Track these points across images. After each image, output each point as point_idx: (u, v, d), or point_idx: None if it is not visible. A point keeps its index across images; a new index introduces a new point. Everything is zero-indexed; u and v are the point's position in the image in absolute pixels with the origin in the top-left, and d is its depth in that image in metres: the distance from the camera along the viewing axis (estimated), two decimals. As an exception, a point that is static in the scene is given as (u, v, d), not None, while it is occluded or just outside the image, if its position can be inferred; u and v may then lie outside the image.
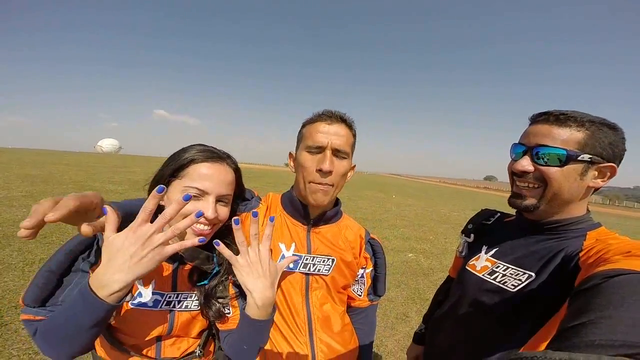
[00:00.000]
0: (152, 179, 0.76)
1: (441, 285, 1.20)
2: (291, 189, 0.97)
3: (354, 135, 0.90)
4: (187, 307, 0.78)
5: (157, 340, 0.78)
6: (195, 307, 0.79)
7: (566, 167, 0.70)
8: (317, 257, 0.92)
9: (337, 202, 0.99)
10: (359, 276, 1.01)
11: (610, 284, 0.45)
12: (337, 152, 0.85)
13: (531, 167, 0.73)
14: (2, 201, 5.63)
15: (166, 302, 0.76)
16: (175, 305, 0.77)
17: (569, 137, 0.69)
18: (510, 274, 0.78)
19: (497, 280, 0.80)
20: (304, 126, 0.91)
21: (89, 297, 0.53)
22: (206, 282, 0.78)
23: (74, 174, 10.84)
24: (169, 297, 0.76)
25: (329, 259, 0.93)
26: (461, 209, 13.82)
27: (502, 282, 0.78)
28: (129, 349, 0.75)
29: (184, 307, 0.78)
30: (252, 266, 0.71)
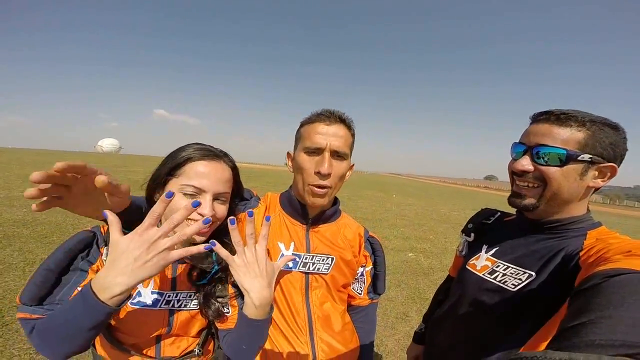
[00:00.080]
0: (149, 178, 0.76)
1: (441, 284, 1.20)
2: (289, 189, 0.97)
3: (353, 135, 0.89)
4: (186, 306, 0.78)
5: (157, 339, 0.78)
6: (194, 307, 0.79)
7: (566, 167, 0.69)
8: (316, 256, 0.92)
9: (335, 201, 0.99)
10: (359, 274, 1.01)
11: (610, 284, 0.45)
12: (335, 154, 0.84)
13: (531, 167, 0.73)
14: (2, 201, 5.64)
15: (165, 301, 0.76)
16: (174, 304, 0.77)
17: (570, 136, 0.69)
18: (510, 273, 0.78)
19: (498, 279, 0.80)
20: (302, 126, 0.89)
21: (90, 300, 0.53)
22: (205, 281, 0.78)
23: (75, 174, 10.82)
24: (168, 296, 0.76)
25: (328, 258, 0.93)
26: (461, 208, 13.81)
27: (502, 281, 0.78)
28: (128, 348, 0.75)
29: (183, 306, 0.78)
30: (248, 266, 0.70)
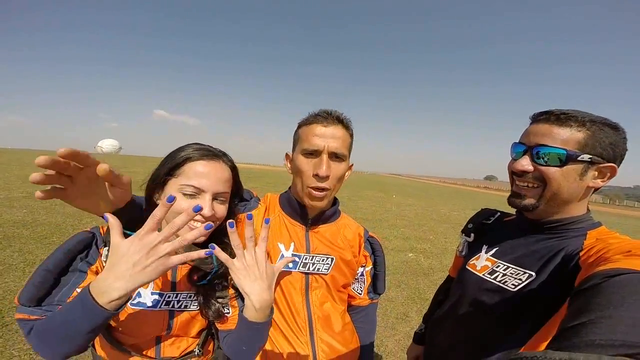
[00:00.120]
0: (149, 178, 0.76)
1: (441, 285, 1.20)
2: (289, 189, 0.97)
3: (351, 135, 0.89)
4: (186, 307, 0.78)
5: (157, 339, 0.78)
6: (194, 307, 0.79)
7: (566, 167, 0.69)
8: (316, 257, 0.91)
9: (335, 202, 0.99)
10: (359, 274, 1.01)
11: (610, 284, 0.45)
12: (334, 155, 0.83)
13: (531, 167, 0.73)
14: (2, 202, 5.64)
15: (165, 302, 0.76)
16: (174, 305, 0.77)
17: (570, 137, 0.69)
18: (510, 273, 0.78)
19: (498, 279, 0.80)
20: (299, 127, 0.88)
21: (88, 303, 0.53)
22: (205, 282, 0.78)
23: (75, 175, 10.81)
24: (168, 297, 0.76)
25: (328, 258, 0.93)
26: (461, 208, 13.81)
27: (502, 281, 0.78)
28: (128, 349, 0.75)
29: (183, 307, 0.78)
30: (248, 269, 0.70)
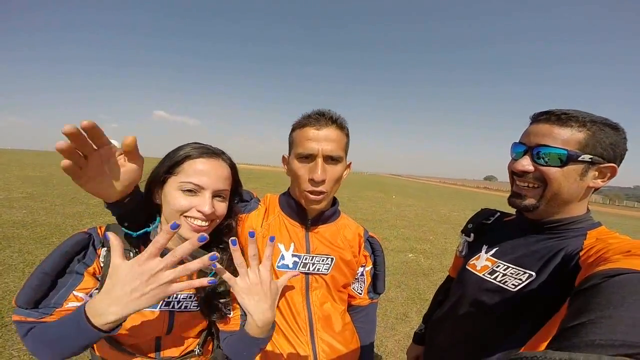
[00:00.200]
0: (148, 177, 0.76)
1: (441, 285, 1.20)
2: (288, 190, 0.97)
3: (347, 134, 0.87)
4: (186, 307, 0.78)
5: (156, 340, 0.78)
6: (194, 308, 0.79)
7: (566, 168, 0.69)
8: (316, 257, 0.91)
9: (334, 202, 0.98)
10: (359, 274, 1.01)
11: (610, 284, 0.45)
12: (329, 158, 0.82)
13: (531, 167, 0.73)
14: (2, 202, 5.63)
15: (165, 302, 0.76)
16: (174, 305, 0.77)
17: (570, 137, 0.69)
18: (510, 273, 0.78)
19: (498, 279, 0.80)
20: (293, 130, 0.87)
21: (82, 324, 0.53)
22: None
23: (74, 175, 10.80)
24: (168, 297, 0.76)
25: (328, 258, 0.93)
26: (461, 209, 13.81)
27: (502, 281, 0.78)
28: (127, 349, 0.75)
29: (183, 307, 0.78)
30: (252, 288, 0.69)
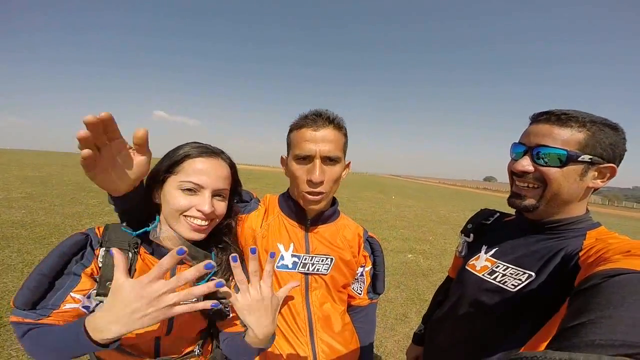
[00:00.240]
0: (147, 176, 0.76)
1: (440, 285, 1.20)
2: (288, 190, 0.97)
3: (345, 134, 0.87)
4: None
5: (156, 340, 0.77)
6: None
7: (566, 168, 0.69)
8: (315, 257, 0.91)
9: (334, 202, 0.99)
10: (359, 274, 1.01)
11: (610, 284, 0.45)
12: (327, 159, 0.81)
13: (531, 167, 0.73)
14: (1, 202, 5.63)
15: None
16: None
17: (570, 137, 0.69)
18: (510, 273, 0.78)
19: (497, 280, 0.80)
20: (291, 131, 0.87)
21: (82, 338, 0.54)
22: (205, 282, 0.77)
23: (74, 175, 10.80)
24: None
25: (327, 259, 0.92)
26: (460, 209, 13.81)
27: (502, 281, 0.78)
28: (127, 349, 0.75)
29: None
30: (253, 305, 0.69)
